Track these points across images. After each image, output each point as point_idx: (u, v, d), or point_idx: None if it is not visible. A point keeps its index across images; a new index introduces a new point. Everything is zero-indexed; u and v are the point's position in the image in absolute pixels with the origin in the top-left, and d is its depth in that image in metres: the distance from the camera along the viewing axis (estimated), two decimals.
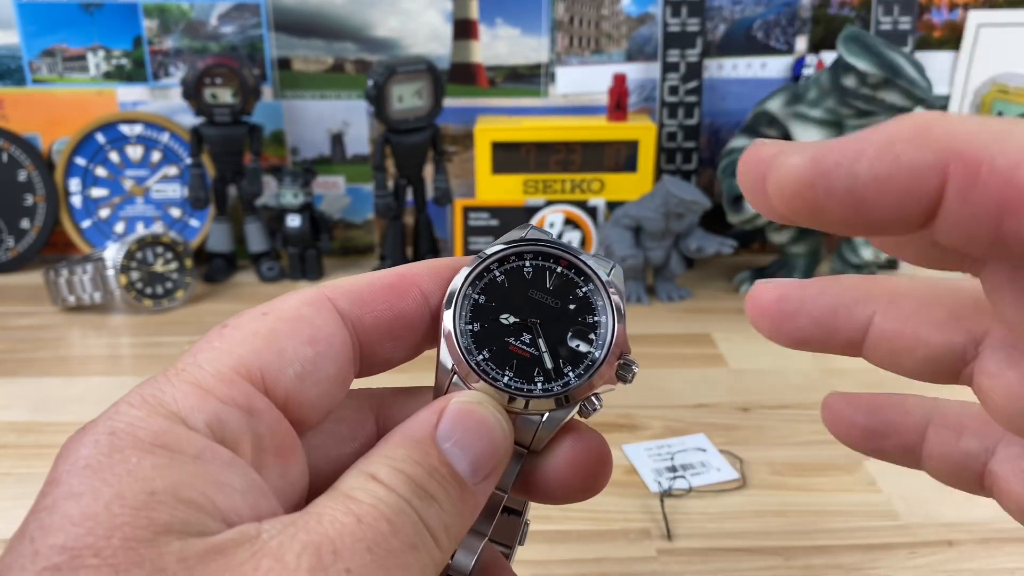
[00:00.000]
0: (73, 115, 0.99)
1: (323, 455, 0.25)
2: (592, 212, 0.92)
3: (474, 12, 0.97)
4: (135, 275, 0.87)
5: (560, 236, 0.93)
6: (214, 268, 0.97)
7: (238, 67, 0.91)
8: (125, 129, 0.98)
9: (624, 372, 0.26)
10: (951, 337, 0.21)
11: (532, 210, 0.93)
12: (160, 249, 0.88)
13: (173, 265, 0.89)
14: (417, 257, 0.99)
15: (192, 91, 0.90)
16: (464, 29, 0.98)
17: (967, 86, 0.99)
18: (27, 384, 0.74)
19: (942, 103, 1.00)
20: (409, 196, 0.97)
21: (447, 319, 0.25)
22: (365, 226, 1.05)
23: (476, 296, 0.26)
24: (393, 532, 0.20)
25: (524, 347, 0.26)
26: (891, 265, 1.00)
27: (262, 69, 0.99)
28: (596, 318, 0.26)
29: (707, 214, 0.92)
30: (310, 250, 0.96)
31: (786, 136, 0.87)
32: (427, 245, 0.98)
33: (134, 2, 0.96)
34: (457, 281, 0.26)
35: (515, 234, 0.27)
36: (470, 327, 0.26)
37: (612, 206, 0.92)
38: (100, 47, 0.98)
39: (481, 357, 0.25)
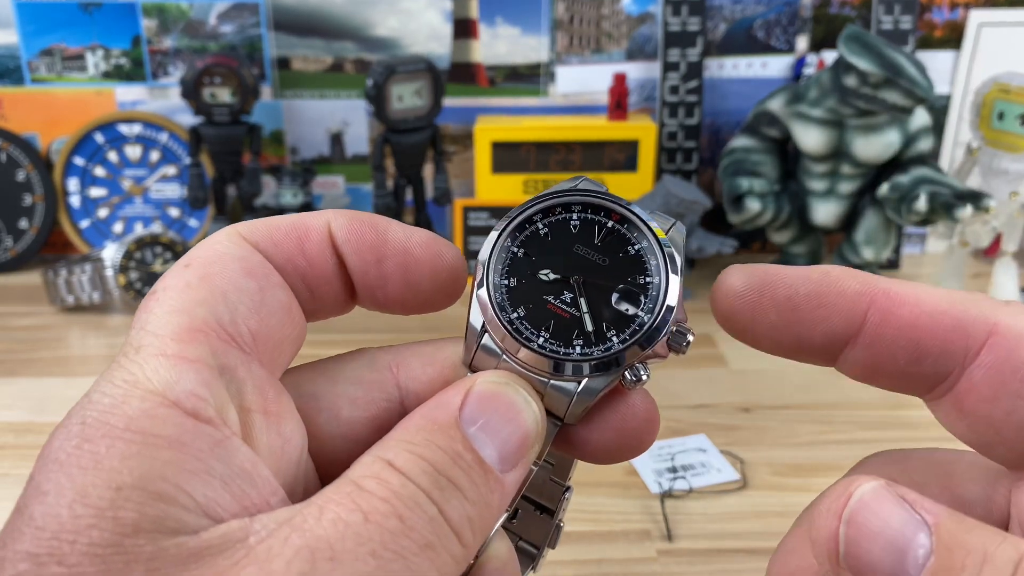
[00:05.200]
0: (72, 115, 0.99)
1: (333, 417, 0.23)
2: None
3: (474, 11, 0.97)
4: (134, 275, 0.87)
5: None
6: None
7: (237, 67, 0.91)
8: (124, 129, 0.98)
9: (677, 341, 0.23)
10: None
11: None
12: (159, 249, 0.88)
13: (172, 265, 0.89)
14: None
15: (191, 91, 0.90)
16: (464, 28, 0.98)
17: (968, 86, 0.98)
18: (26, 384, 0.73)
19: (943, 103, 1.00)
20: (409, 196, 0.96)
21: (479, 273, 0.23)
22: None
23: (515, 249, 0.24)
24: (405, 531, 0.18)
25: (564, 307, 0.23)
26: (892, 265, 1.00)
27: (261, 69, 0.98)
28: (648, 279, 0.23)
29: (707, 214, 0.91)
30: None
31: (786, 135, 0.87)
32: None
33: (133, 2, 0.96)
34: (493, 233, 0.24)
35: (564, 185, 0.25)
36: (505, 282, 0.23)
37: None
38: (99, 46, 0.98)
39: (515, 315, 0.23)
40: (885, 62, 0.76)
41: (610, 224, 0.24)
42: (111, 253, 0.86)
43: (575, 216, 0.24)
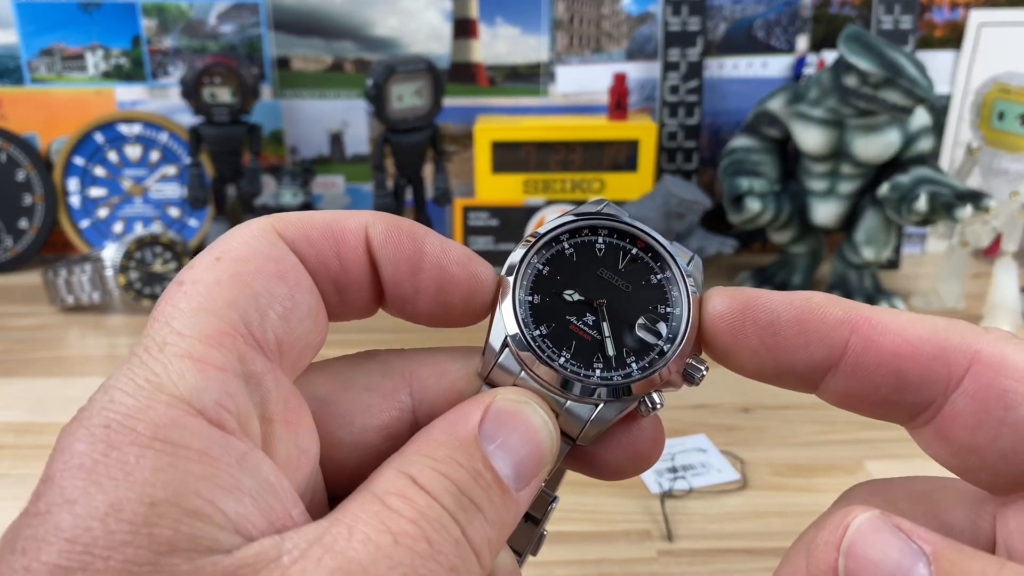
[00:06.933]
0: (72, 114, 0.99)
1: (346, 424, 0.23)
2: None
3: (474, 11, 0.97)
4: (134, 275, 0.87)
5: None
6: None
7: (237, 66, 0.91)
8: (124, 129, 0.98)
9: (692, 373, 0.23)
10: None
11: (532, 210, 0.93)
12: (159, 249, 0.88)
13: (172, 265, 0.89)
14: None
15: (191, 90, 0.90)
16: (464, 28, 0.98)
17: (968, 85, 0.98)
18: (26, 384, 0.73)
19: (943, 102, 1.00)
20: (409, 196, 0.96)
21: (506, 286, 0.23)
22: None
23: (540, 266, 0.24)
24: (433, 554, 0.18)
25: (586, 329, 0.23)
26: (892, 265, 1.00)
27: (261, 68, 0.98)
28: (669, 309, 0.24)
29: (708, 214, 0.91)
30: None
31: (787, 135, 0.87)
32: None
33: (133, 1, 0.96)
34: (520, 249, 0.24)
35: (589, 208, 0.25)
36: (529, 298, 0.23)
37: None
38: (99, 46, 0.98)
39: (538, 332, 0.23)
40: (885, 62, 0.76)
41: (634, 251, 0.25)
42: (111, 253, 0.86)
43: (601, 240, 0.25)
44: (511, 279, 0.24)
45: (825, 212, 0.87)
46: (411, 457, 0.20)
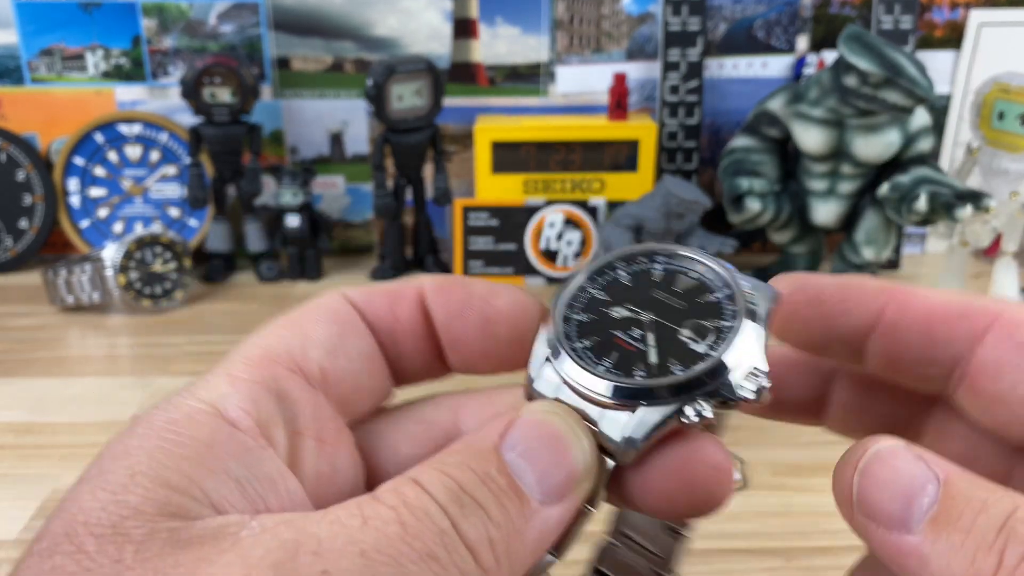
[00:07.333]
0: (71, 114, 0.99)
1: (393, 454, 0.24)
2: (592, 212, 0.92)
3: (474, 11, 0.97)
4: (134, 275, 0.87)
5: (560, 236, 0.93)
6: (213, 268, 0.97)
7: (237, 66, 0.91)
8: (124, 129, 0.98)
9: (748, 385, 0.21)
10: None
11: (532, 210, 0.93)
12: (159, 249, 0.88)
13: (172, 265, 0.89)
14: (417, 257, 0.99)
15: (191, 90, 0.90)
16: (464, 28, 0.98)
17: (968, 85, 0.98)
18: (25, 384, 0.73)
19: (943, 102, 1.00)
20: (409, 196, 0.96)
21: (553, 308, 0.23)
22: (365, 226, 1.05)
23: (592, 290, 0.24)
24: (404, 537, 0.17)
25: (631, 341, 0.22)
26: (892, 265, 1.00)
27: (261, 68, 0.98)
28: (722, 322, 0.22)
29: (708, 214, 0.91)
30: (309, 250, 0.96)
31: (787, 135, 0.87)
32: (427, 245, 0.98)
33: (133, 1, 0.96)
34: (574, 274, 0.24)
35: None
36: (577, 317, 0.23)
37: (612, 206, 0.91)
38: (99, 46, 0.98)
39: (580, 344, 0.22)
40: (885, 62, 0.76)
41: (693, 274, 0.24)
42: (111, 253, 0.86)
43: (659, 266, 0.24)
44: (558, 300, 0.24)
45: (825, 212, 0.87)
46: (424, 464, 0.20)
